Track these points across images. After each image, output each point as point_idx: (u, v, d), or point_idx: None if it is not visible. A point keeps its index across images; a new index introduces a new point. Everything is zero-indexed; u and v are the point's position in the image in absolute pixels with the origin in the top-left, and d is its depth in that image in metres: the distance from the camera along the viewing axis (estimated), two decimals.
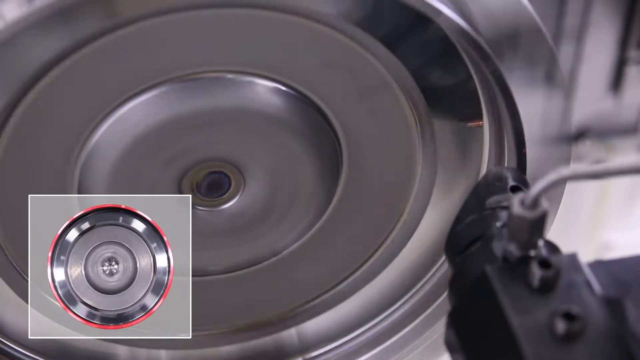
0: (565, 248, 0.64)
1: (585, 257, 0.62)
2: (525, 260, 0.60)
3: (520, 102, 0.71)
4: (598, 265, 0.61)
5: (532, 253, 0.60)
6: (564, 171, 0.58)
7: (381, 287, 0.84)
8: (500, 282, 0.59)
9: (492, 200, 0.67)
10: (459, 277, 0.66)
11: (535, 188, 0.58)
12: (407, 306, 0.84)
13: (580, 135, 1.02)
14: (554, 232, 0.76)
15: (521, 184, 0.68)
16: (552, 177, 0.58)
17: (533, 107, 0.72)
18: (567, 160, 0.76)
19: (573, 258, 0.60)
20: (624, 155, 1.05)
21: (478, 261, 0.64)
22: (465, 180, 0.79)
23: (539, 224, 0.60)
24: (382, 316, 0.85)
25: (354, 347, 0.86)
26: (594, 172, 0.60)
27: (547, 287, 0.58)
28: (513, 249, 0.61)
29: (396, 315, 0.85)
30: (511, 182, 0.68)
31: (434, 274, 0.83)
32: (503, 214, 0.66)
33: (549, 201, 0.77)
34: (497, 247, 0.63)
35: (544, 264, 0.59)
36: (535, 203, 0.59)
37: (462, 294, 0.64)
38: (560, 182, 0.58)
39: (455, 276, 0.67)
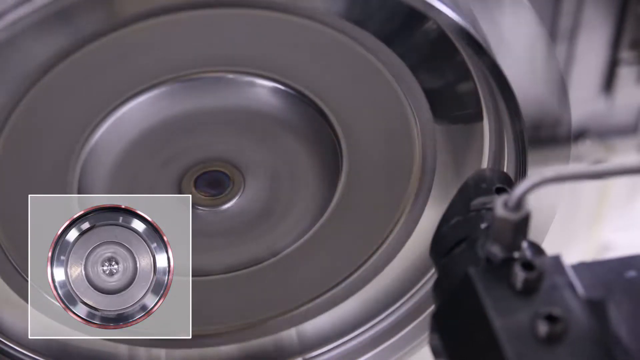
0: (565, 248, 0.64)
1: (585, 257, 0.62)
2: (508, 262, 0.60)
3: (520, 101, 0.71)
4: (581, 267, 0.60)
5: (516, 255, 0.60)
6: (547, 173, 0.57)
7: (381, 287, 0.84)
8: (482, 283, 0.59)
9: (477, 202, 0.67)
10: (443, 279, 0.66)
11: (518, 190, 0.58)
12: (406, 306, 0.84)
13: (579, 135, 1.02)
14: (553, 232, 0.76)
15: (507, 186, 0.68)
16: (535, 178, 0.57)
17: (533, 106, 0.72)
18: (567, 160, 0.76)
19: (556, 260, 0.60)
20: (624, 155, 1.05)
21: (462, 263, 0.64)
22: (465, 180, 0.79)
23: (522, 226, 0.59)
24: (382, 316, 0.85)
25: (354, 347, 0.86)
26: (579, 174, 0.59)
27: (529, 289, 0.58)
28: (496, 251, 0.60)
29: (396, 315, 0.85)
30: (496, 184, 0.68)
31: (433, 274, 0.83)
32: (488, 216, 0.65)
33: (549, 201, 0.77)
34: (481, 249, 0.63)
35: (527, 266, 0.58)
36: (518, 205, 0.58)
37: (446, 295, 0.64)
38: (544, 184, 0.57)
39: (440, 278, 0.67)
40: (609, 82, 0.97)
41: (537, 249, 0.63)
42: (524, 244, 0.61)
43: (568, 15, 0.91)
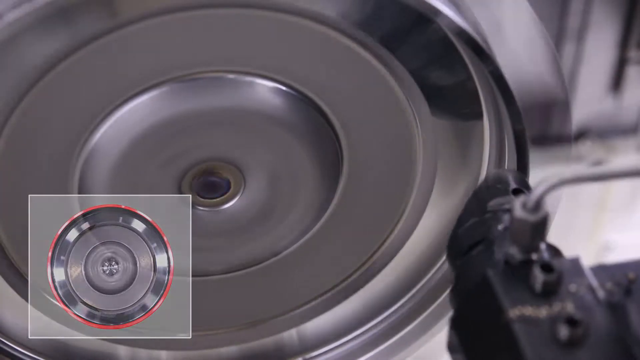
0: (566, 248, 0.64)
1: (586, 257, 0.62)
2: (527, 263, 0.60)
3: (520, 101, 0.71)
4: (601, 269, 0.60)
5: (534, 256, 0.60)
6: (566, 174, 0.58)
7: (381, 287, 0.84)
8: (501, 285, 0.59)
9: (493, 203, 0.67)
10: (460, 281, 0.66)
11: (537, 191, 0.58)
12: (407, 306, 0.84)
13: (580, 135, 1.02)
14: (554, 232, 0.76)
15: (523, 187, 0.68)
16: (553, 180, 0.58)
17: (533, 107, 0.72)
18: (567, 160, 0.76)
19: (575, 262, 0.60)
20: (624, 155, 1.05)
21: (480, 264, 0.63)
22: (465, 180, 0.79)
23: (540, 227, 0.59)
24: (382, 316, 0.85)
25: (354, 347, 0.86)
26: (596, 175, 0.59)
27: (549, 291, 0.58)
28: (514, 252, 0.60)
29: (396, 315, 0.85)
30: (513, 185, 0.68)
31: (434, 274, 0.83)
32: (505, 217, 0.65)
33: (549, 201, 0.77)
34: (499, 251, 0.63)
35: (546, 268, 0.58)
36: (537, 206, 0.59)
37: (464, 297, 0.64)
38: (562, 185, 0.58)
39: (457, 280, 0.66)
40: (616, 81, 0.98)
41: (555, 251, 0.62)
42: (542, 246, 0.60)
43: (576, 15, 0.91)
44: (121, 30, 0.67)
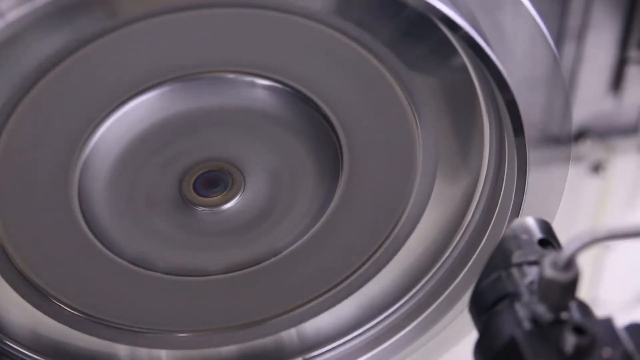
0: None
1: (586, 256, 0.61)
2: (556, 323, 0.57)
3: (520, 101, 0.71)
4: (635, 329, 0.57)
5: (564, 316, 0.58)
6: (599, 232, 0.55)
7: (381, 287, 0.84)
8: (530, 349, 0.56)
9: (518, 256, 0.63)
10: (485, 338, 0.63)
11: (568, 249, 0.56)
12: (407, 306, 0.84)
13: (580, 135, 1.02)
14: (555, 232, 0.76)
15: (549, 237, 0.64)
16: (585, 237, 0.55)
17: (533, 107, 0.72)
18: (567, 160, 0.76)
19: (608, 322, 0.57)
20: (624, 155, 1.05)
21: (506, 322, 0.60)
22: (465, 180, 0.79)
23: (571, 286, 0.57)
24: (382, 316, 0.85)
25: (354, 347, 0.86)
26: (629, 232, 0.56)
27: (581, 354, 0.55)
28: (542, 311, 0.58)
29: (396, 315, 0.85)
30: (539, 235, 0.64)
31: (434, 274, 0.83)
32: (531, 271, 0.62)
33: (549, 200, 0.77)
34: (526, 308, 0.60)
35: (578, 330, 0.56)
36: (568, 265, 0.56)
37: (489, 357, 0.60)
38: (594, 243, 0.55)
39: (482, 335, 0.63)
40: (617, 81, 0.98)
41: (585, 309, 0.60)
42: (573, 304, 0.58)
43: (576, 15, 0.91)
44: (121, 30, 0.67)
